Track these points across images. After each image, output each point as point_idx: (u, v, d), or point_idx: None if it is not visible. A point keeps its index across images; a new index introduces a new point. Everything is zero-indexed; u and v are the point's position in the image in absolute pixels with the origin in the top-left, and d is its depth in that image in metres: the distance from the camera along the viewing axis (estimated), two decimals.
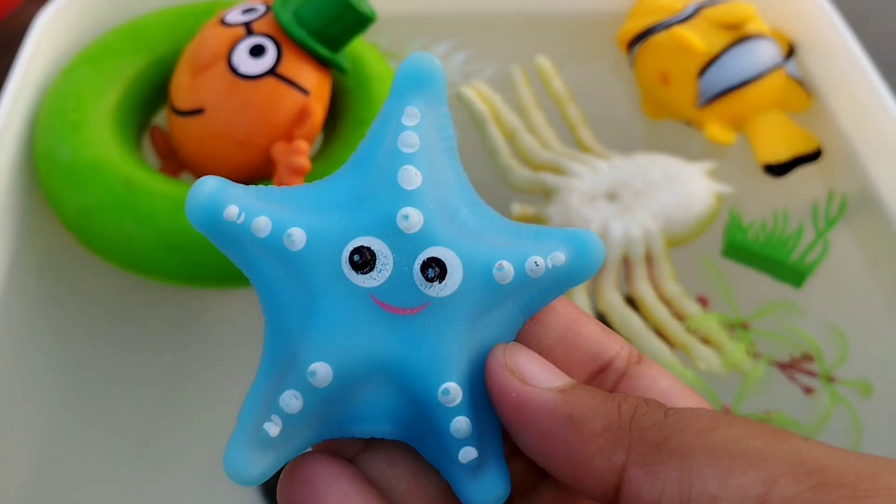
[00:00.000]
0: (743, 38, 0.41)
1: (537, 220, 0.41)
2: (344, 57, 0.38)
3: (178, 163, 0.40)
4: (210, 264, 0.35)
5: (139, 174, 0.35)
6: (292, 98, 0.35)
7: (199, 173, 0.39)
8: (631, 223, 0.38)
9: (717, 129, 0.41)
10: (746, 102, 0.41)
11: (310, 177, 0.35)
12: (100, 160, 0.35)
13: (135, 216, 0.34)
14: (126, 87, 0.39)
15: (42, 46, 0.40)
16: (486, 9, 0.49)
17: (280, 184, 0.35)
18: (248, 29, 0.36)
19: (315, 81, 0.36)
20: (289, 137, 0.36)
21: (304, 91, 0.36)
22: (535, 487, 0.17)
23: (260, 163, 0.36)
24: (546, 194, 0.42)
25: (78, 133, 0.36)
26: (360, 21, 0.36)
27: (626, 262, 0.39)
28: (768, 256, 0.38)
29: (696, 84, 0.41)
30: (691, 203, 0.39)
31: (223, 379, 0.44)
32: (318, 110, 0.36)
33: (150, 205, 0.34)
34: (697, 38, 0.41)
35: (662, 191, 0.40)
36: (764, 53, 0.42)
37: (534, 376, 0.15)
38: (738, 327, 0.37)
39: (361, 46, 0.42)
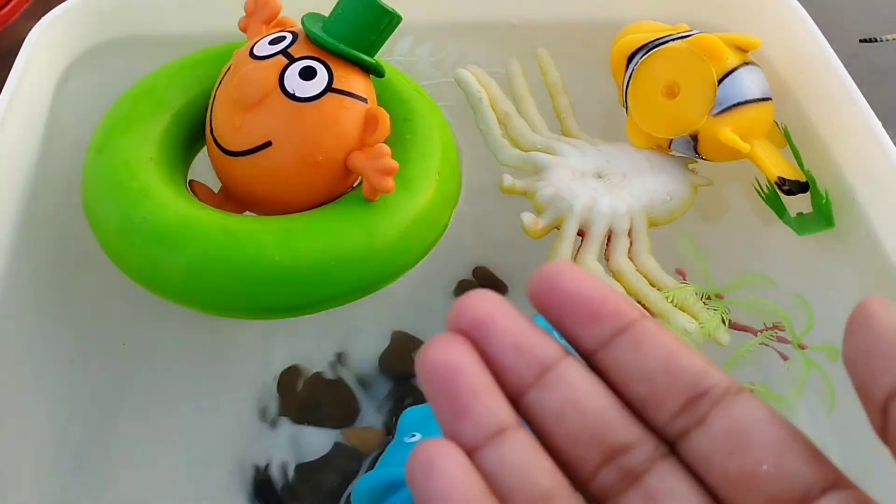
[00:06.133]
0: (748, 63, 0.41)
1: (526, 194, 0.43)
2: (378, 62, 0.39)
3: (235, 206, 0.40)
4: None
5: (230, 221, 0.35)
6: (356, 108, 0.37)
7: (267, 207, 0.39)
8: (617, 199, 0.40)
9: (731, 135, 0.40)
10: (757, 119, 0.41)
11: None
12: (188, 217, 0.35)
13: (242, 260, 0.34)
14: (159, 150, 0.39)
15: (35, 59, 0.41)
16: (460, 18, 0.49)
17: (370, 190, 0.36)
18: (288, 56, 0.37)
19: (366, 88, 0.38)
20: (361, 146, 0.37)
21: (363, 99, 0.37)
22: None
23: (337, 179, 0.37)
24: (536, 172, 0.43)
25: (148, 199, 0.36)
26: (393, 22, 0.37)
27: (609, 236, 0.40)
28: (827, 216, 0.40)
29: (713, 91, 0.40)
30: (673, 189, 0.41)
31: (222, 389, 0.44)
32: (384, 112, 0.37)
33: (257, 243, 0.34)
34: None
35: (647, 176, 0.42)
36: (765, 80, 0.42)
37: None
38: (713, 298, 0.39)
39: None
